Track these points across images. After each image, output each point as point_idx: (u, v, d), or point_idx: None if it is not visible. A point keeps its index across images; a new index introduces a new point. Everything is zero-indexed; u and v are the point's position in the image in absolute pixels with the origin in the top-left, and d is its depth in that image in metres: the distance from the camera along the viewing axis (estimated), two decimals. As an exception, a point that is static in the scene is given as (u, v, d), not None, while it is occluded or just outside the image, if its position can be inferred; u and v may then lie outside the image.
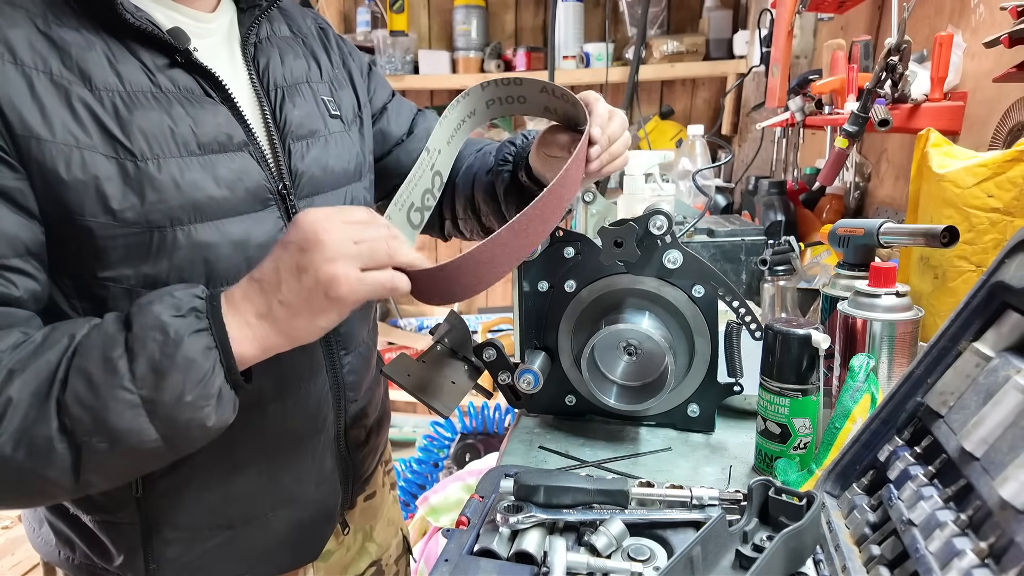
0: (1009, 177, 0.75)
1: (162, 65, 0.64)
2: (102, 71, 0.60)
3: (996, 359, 0.49)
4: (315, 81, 0.81)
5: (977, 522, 0.44)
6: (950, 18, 1.15)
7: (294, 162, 0.74)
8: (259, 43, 0.77)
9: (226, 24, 0.75)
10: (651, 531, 0.58)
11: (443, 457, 2.23)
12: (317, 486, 0.80)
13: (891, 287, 0.70)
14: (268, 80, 0.75)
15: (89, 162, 0.58)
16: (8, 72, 0.56)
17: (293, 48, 0.81)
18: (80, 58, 0.60)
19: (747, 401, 0.90)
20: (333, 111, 0.81)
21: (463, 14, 2.59)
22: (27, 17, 0.59)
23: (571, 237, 0.85)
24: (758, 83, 2.10)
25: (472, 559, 0.55)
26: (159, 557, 0.70)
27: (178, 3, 0.69)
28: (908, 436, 0.56)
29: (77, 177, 0.58)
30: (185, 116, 0.64)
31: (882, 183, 1.46)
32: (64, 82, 0.58)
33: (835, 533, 0.54)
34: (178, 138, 0.63)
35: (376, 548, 0.96)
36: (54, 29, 0.59)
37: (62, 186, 0.57)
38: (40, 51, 0.58)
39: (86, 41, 0.61)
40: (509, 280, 0.85)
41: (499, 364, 0.84)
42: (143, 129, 0.61)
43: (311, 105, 0.78)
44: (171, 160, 0.62)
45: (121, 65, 0.62)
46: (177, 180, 0.62)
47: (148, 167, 0.61)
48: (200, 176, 0.64)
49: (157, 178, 0.61)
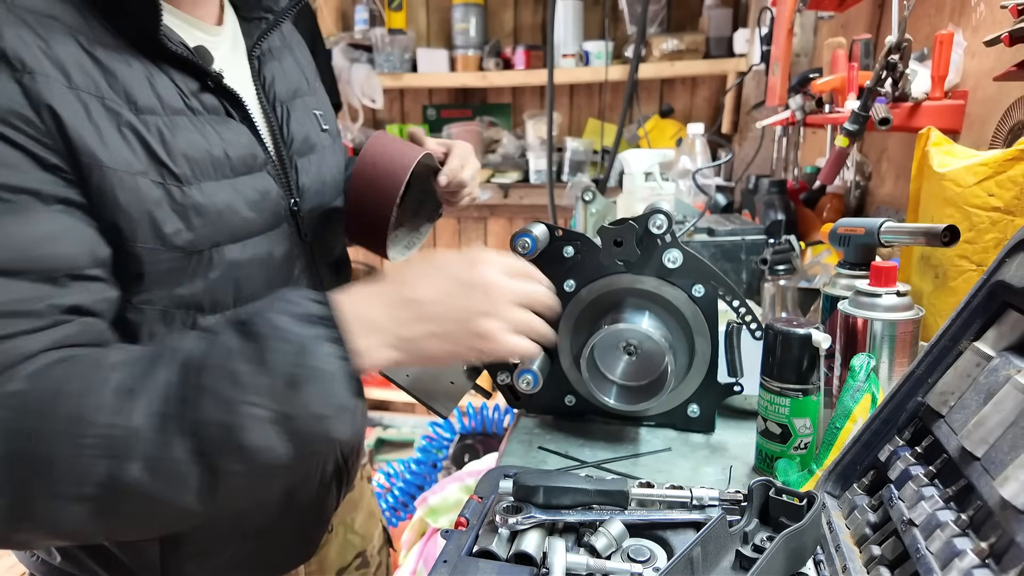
0: (1010, 176, 0.74)
1: (195, 89, 0.64)
2: (145, 94, 0.59)
3: (997, 358, 0.49)
4: (306, 94, 0.81)
5: (978, 522, 0.44)
6: (950, 16, 1.15)
7: (301, 178, 0.74)
8: (262, 56, 0.76)
9: (230, 35, 0.74)
10: (651, 532, 0.58)
11: (442, 458, 2.23)
12: (318, 490, 0.81)
13: (892, 286, 0.69)
14: (273, 95, 0.75)
15: (143, 188, 0.57)
16: (67, 97, 0.53)
17: (286, 59, 0.80)
18: (125, 81, 0.58)
19: (747, 401, 0.89)
20: (324, 125, 0.82)
21: (462, 12, 2.59)
22: (70, 34, 0.55)
23: (570, 236, 0.85)
24: (758, 81, 2.10)
25: (471, 560, 0.55)
26: (176, 572, 0.70)
27: (188, 15, 0.68)
28: (909, 436, 0.55)
29: (132, 204, 0.56)
30: (217, 138, 0.63)
31: (883, 182, 1.46)
32: (115, 106, 0.56)
33: (836, 533, 0.54)
34: (214, 161, 0.63)
35: (360, 540, 0.97)
36: (97, 49, 0.57)
37: (118, 213, 0.56)
38: (90, 73, 0.56)
39: (126, 63, 0.59)
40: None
41: (498, 364, 0.84)
42: (185, 153, 0.60)
43: (308, 120, 0.78)
44: (210, 183, 0.62)
45: (159, 88, 0.60)
46: (217, 203, 0.62)
47: (192, 192, 0.60)
48: (233, 197, 0.64)
49: (200, 202, 0.61)
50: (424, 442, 2.27)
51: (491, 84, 2.63)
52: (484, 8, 2.65)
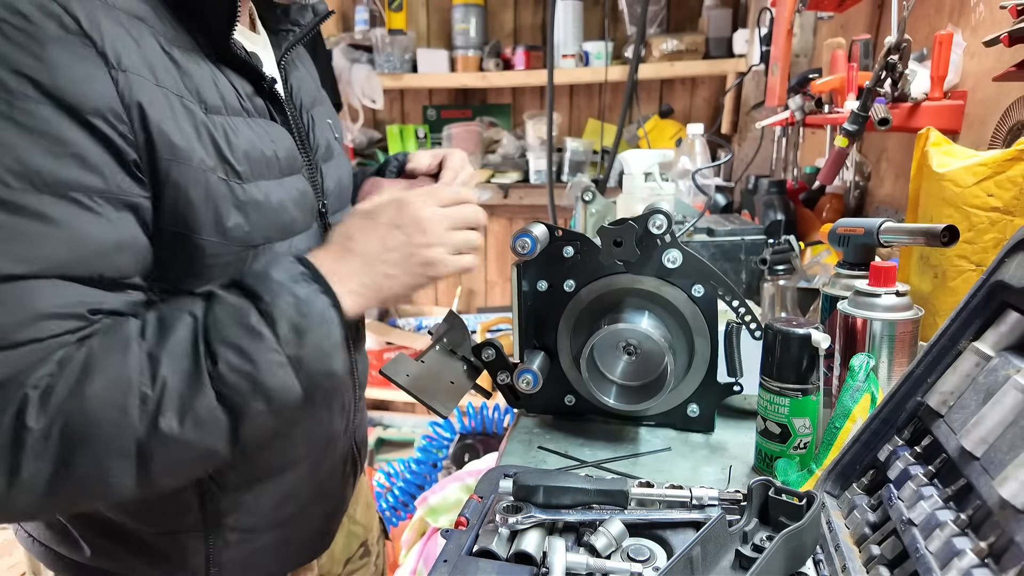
0: (1009, 176, 0.75)
1: (249, 92, 0.67)
2: (212, 95, 0.62)
3: (996, 358, 0.49)
4: (320, 104, 0.84)
5: (977, 522, 0.44)
6: (950, 17, 1.15)
7: (326, 182, 0.78)
8: (288, 65, 0.79)
9: (262, 44, 0.77)
10: (651, 531, 0.58)
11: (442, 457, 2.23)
12: (342, 478, 0.84)
13: (891, 286, 0.69)
14: (300, 103, 0.78)
15: (212, 184, 0.60)
16: (156, 95, 0.56)
17: (302, 70, 0.83)
18: (198, 81, 0.61)
19: (747, 401, 0.90)
20: (336, 133, 0.86)
21: (462, 12, 2.59)
22: (154, 36, 0.58)
23: (570, 236, 0.85)
24: (758, 82, 2.10)
25: (471, 560, 0.55)
26: (219, 559, 0.71)
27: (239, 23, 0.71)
28: (908, 436, 0.55)
29: (202, 199, 0.60)
30: (268, 139, 0.67)
31: (882, 182, 1.46)
32: (191, 104, 0.59)
33: (835, 533, 0.54)
34: (268, 161, 0.66)
35: (361, 529, 0.99)
36: (174, 50, 0.60)
37: (189, 207, 0.59)
38: (171, 72, 0.59)
39: (197, 64, 0.62)
40: (508, 280, 0.85)
41: (498, 364, 0.84)
42: (246, 152, 0.63)
43: (325, 128, 0.82)
44: (264, 182, 0.66)
45: (222, 89, 0.64)
46: (271, 201, 0.66)
47: (251, 189, 0.64)
48: (283, 195, 0.68)
49: (258, 199, 0.64)
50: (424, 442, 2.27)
51: (491, 84, 2.64)
52: (484, 9, 2.65)
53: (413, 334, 2.84)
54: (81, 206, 0.52)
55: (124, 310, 0.56)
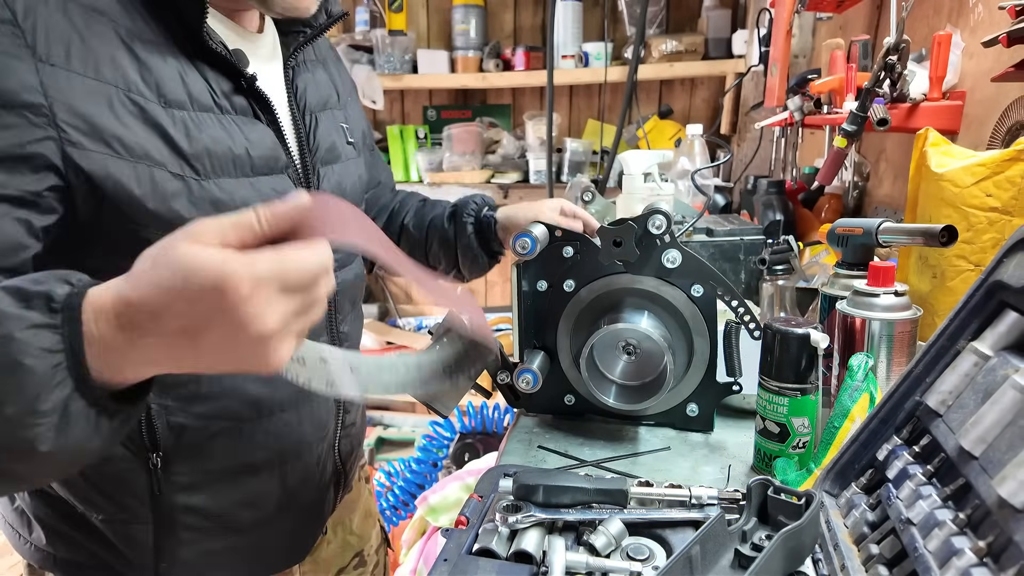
0: (1007, 176, 0.75)
1: (227, 89, 0.66)
2: (176, 89, 0.61)
3: (994, 358, 0.49)
4: (335, 107, 0.84)
5: (975, 521, 0.44)
6: (948, 17, 1.15)
7: (322, 185, 0.77)
8: (296, 66, 0.79)
9: (269, 44, 0.76)
10: (650, 530, 0.58)
11: (442, 457, 2.23)
12: (316, 491, 0.82)
13: (890, 286, 0.70)
14: (304, 104, 0.78)
15: (159, 180, 0.59)
16: (91, 88, 0.56)
17: (319, 72, 0.83)
18: (159, 75, 0.60)
19: (746, 400, 0.90)
20: (349, 138, 0.85)
21: (462, 13, 2.59)
22: (113, 29, 0.59)
23: (570, 236, 0.85)
24: (757, 82, 2.10)
25: (471, 559, 0.55)
26: (170, 556, 0.71)
27: (233, 21, 0.71)
28: (907, 435, 0.56)
29: (148, 193, 0.59)
30: (242, 138, 0.66)
31: (881, 182, 1.46)
32: (140, 99, 0.59)
33: (834, 532, 0.54)
34: (236, 159, 0.65)
35: (357, 540, 0.98)
36: (136, 43, 0.60)
37: (132, 202, 0.58)
38: (122, 66, 0.58)
39: (162, 58, 0.61)
40: (508, 280, 0.85)
41: (498, 364, 0.84)
42: (208, 149, 0.62)
43: (335, 131, 0.81)
44: (228, 180, 0.64)
45: (190, 84, 0.63)
46: (235, 199, 0.64)
47: (210, 186, 0.62)
48: (250, 195, 0.66)
49: (219, 197, 0.63)
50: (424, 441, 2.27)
51: (491, 85, 2.64)
52: (484, 9, 2.65)
53: (413, 334, 2.84)
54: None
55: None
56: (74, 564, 0.73)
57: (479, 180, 2.68)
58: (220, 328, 0.40)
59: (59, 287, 0.42)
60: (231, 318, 0.39)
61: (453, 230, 1.00)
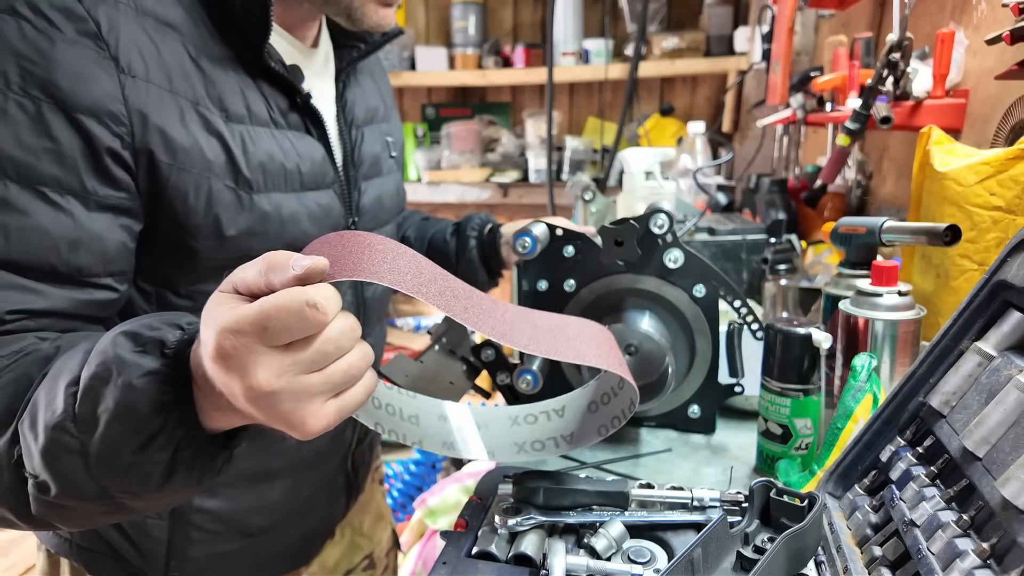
0: (1011, 175, 0.74)
1: (283, 106, 0.67)
2: (236, 104, 0.63)
3: (998, 358, 0.49)
4: (381, 121, 0.85)
5: (979, 523, 0.43)
6: (952, 15, 1.15)
7: (363, 199, 0.78)
8: (347, 80, 0.79)
9: (322, 58, 0.77)
10: (651, 533, 0.58)
11: (441, 458, 2.23)
12: (327, 500, 0.83)
13: (893, 286, 0.69)
14: (352, 118, 0.79)
15: (214, 191, 0.61)
16: (164, 100, 0.58)
17: (368, 84, 0.84)
18: (222, 89, 0.62)
19: (748, 401, 0.89)
20: (392, 152, 0.86)
21: (461, 10, 2.58)
22: (183, 44, 0.60)
23: (571, 236, 0.85)
24: (759, 80, 2.09)
25: (470, 562, 0.55)
26: (180, 555, 0.72)
27: (291, 35, 0.71)
28: (910, 436, 0.55)
29: (201, 204, 0.60)
30: (294, 153, 0.67)
31: (884, 181, 1.46)
32: (207, 112, 0.60)
33: (837, 534, 0.54)
34: (287, 174, 0.66)
35: (367, 542, 0.98)
36: (202, 58, 0.61)
37: (186, 211, 0.60)
38: (191, 80, 0.60)
39: (225, 73, 0.63)
40: (508, 280, 0.85)
41: (498, 364, 0.83)
42: (263, 164, 0.64)
43: (379, 145, 0.82)
44: (278, 194, 0.65)
45: (250, 100, 0.64)
46: (281, 213, 0.65)
47: (260, 200, 0.64)
48: (297, 210, 0.67)
49: (266, 211, 0.64)
50: (424, 441, 2.27)
51: (490, 83, 2.63)
52: (483, 6, 2.64)
53: (412, 334, 2.84)
54: (45, 200, 0.52)
55: (68, 309, 0.54)
56: (90, 552, 0.74)
57: (478, 179, 2.68)
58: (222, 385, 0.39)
59: (171, 333, 0.43)
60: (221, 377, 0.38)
61: (456, 245, 1.00)
